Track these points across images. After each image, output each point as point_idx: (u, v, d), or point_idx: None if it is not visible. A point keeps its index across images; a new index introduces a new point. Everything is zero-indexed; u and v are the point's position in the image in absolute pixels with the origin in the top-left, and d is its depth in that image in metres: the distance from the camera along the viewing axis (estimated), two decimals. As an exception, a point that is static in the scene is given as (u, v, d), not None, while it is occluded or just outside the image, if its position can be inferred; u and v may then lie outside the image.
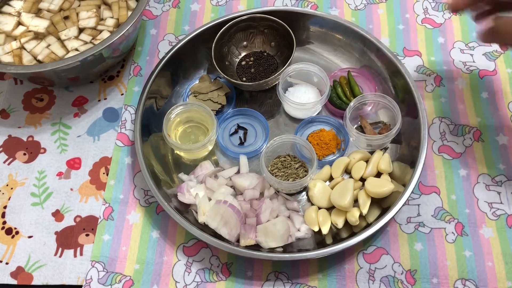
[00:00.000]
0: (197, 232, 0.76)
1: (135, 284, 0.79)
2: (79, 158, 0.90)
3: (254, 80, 0.93)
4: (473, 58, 0.97)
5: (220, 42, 0.92)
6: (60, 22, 0.93)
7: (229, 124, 0.92)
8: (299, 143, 0.85)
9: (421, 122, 0.83)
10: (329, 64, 0.96)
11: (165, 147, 0.89)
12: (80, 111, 0.95)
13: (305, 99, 0.89)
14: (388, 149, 0.87)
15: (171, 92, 0.94)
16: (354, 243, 0.74)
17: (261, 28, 0.94)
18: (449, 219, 0.82)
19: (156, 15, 1.05)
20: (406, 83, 0.87)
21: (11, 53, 0.90)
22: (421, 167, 0.79)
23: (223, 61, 0.94)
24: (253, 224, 0.78)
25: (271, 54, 0.96)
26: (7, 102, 0.96)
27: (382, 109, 0.90)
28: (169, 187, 0.83)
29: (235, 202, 0.79)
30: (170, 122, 0.87)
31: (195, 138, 0.89)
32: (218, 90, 0.92)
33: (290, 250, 0.77)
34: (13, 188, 0.87)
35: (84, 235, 0.83)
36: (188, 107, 0.87)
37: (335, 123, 0.90)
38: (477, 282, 0.77)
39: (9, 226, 0.84)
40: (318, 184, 0.82)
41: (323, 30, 0.96)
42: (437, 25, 1.01)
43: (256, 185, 0.81)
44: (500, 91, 0.93)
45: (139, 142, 0.83)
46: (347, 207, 0.77)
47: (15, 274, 0.80)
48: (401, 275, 0.78)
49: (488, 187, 0.84)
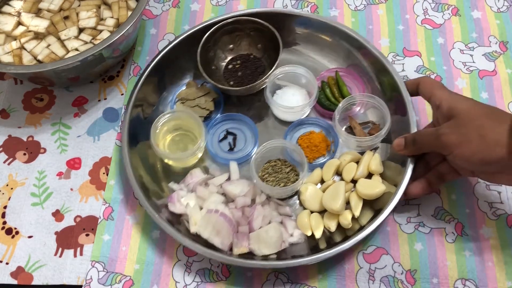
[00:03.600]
0: (189, 243, 0.75)
1: (135, 284, 0.79)
2: (79, 158, 0.90)
3: (241, 83, 0.92)
4: (473, 58, 0.97)
5: (205, 46, 0.90)
6: (60, 22, 0.93)
7: (218, 130, 0.90)
8: (289, 147, 0.85)
9: (410, 120, 0.82)
10: (316, 65, 0.95)
11: (154, 156, 0.87)
12: (80, 111, 0.95)
13: (293, 101, 0.88)
14: (379, 148, 0.87)
15: (158, 99, 0.92)
16: (347, 248, 0.74)
17: (247, 30, 0.93)
18: (449, 219, 0.82)
19: (156, 15, 1.05)
20: (393, 81, 0.86)
21: (11, 53, 0.90)
22: (412, 166, 0.79)
23: (210, 65, 0.92)
24: (245, 232, 0.77)
25: (258, 57, 0.95)
26: (7, 102, 0.96)
27: (371, 109, 0.89)
28: (160, 197, 0.82)
29: (227, 210, 0.78)
30: (158, 131, 0.85)
31: (184, 146, 0.87)
32: (205, 95, 0.91)
33: (284, 257, 0.76)
34: (13, 188, 0.87)
35: (84, 235, 0.83)
36: (176, 115, 0.86)
37: (324, 125, 0.89)
38: (477, 282, 0.77)
39: (9, 226, 0.84)
40: (309, 188, 0.82)
41: (308, 30, 0.95)
42: (437, 26, 1.01)
43: (247, 192, 0.81)
44: (500, 91, 0.94)
45: (127, 153, 0.82)
46: (339, 210, 0.77)
47: (15, 274, 0.80)
48: (401, 275, 0.78)
49: (488, 187, 0.85)
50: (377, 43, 0.99)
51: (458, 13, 1.03)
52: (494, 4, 1.03)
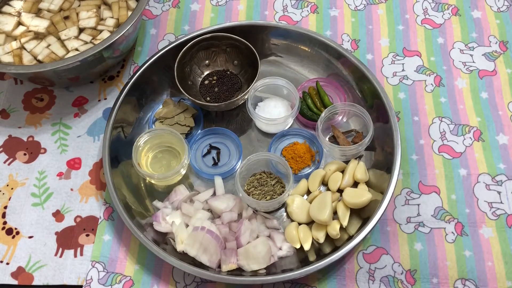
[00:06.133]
0: (176, 262, 0.74)
1: (135, 284, 0.79)
2: (79, 158, 0.90)
3: (218, 99, 0.91)
4: (473, 58, 0.97)
5: (182, 61, 0.90)
6: (60, 22, 0.93)
7: (201, 145, 0.89)
8: (273, 160, 0.85)
9: (393, 127, 0.82)
10: (296, 76, 0.95)
11: (137, 175, 0.86)
12: (80, 111, 0.95)
13: (275, 113, 0.88)
14: (363, 156, 0.87)
15: (136, 119, 0.91)
16: (336, 258, 0.74)
17: (223, 46, 0.93)
18: (449, 219, 0.82)
19: (156, 15, 1.05)
20: (373, 88, 0.86)
21: (11, 53, 0.89)
22: (397, 172, 0.79)
23: (186, 81, 0.92)
24: (233, 248, 0.76)
25: (234, 73, 0.95)
26: (7, 102, 0.96)
27: (354, 117, 0.89)
28: (144, 217, 0.81)
29: (213, 227, 0.77)
30: (140, 151, 0.85)
31: (167, 162, 0.86)
32: (184, 112, 0.90)
33: (273, 271, 0.76)
34: (13, 188, 0.87)
35: (85, 235, 0.83)
36: (157, 133, 0.85)
37: (308, 135, 0.89)
38: (477, 282, 0.77)
39: (10, 227, 0.84)
40: (296, 200, 0.81)
41: (287, 42, 0.95)
42: (437, 26, 1.01)
43: (233, 207, 0.80)
44: (500, 91, 0.94)
45: (109, 175, 0.81)
46: (327, 221, 0.76)
47: (16, 274, 0.80)
48: (401, 275, 0.78)
49: (488, 187, 0.85)
50: (377, 43, 0.99)
51: (458, 13, 1.03)
52: (494, 4, 1.03)
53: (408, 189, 0.85)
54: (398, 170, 0.79)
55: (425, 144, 0.89)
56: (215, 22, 1.03)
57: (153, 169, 0.86)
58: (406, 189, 0.85)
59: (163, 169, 0.86)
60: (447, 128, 0.90)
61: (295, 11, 1.04)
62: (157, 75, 0.92)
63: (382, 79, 0.95)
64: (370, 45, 0.99)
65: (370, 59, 0.98)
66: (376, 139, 0.85)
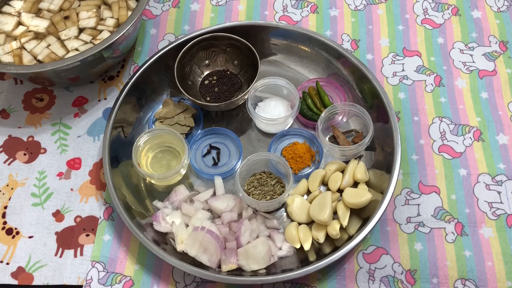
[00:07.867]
0: (176, 262, 0.74)
1: (135, 284, 0.79)
2: (79, 158, 0.90)
3: (218, 99, 0.91)
4: (473, 58, 0.97)
5: (182, 61, 0.90)
6: (60, 22, 0.93)
7: (201, 145, 0.89)
8: (273, 160, 0.85)
9: (393, 127, 0.82)
10: (296, 76, 0.95)
11: (137, 175, 0.86)
12: (80, 111, 0.95)
13: (275, 113, 0.88)
14: (363, 156, 0.87)
15: (136, 119, 0.91)
16: (336, 258, 0.74)
17: (223, 46, 0.93)
18: (449, 219, 0.82)
19: (156, 15, 1.05)
20: (373, 88, 0.86)
21: (11, 53, 0.89)
22: (397, 172, 0.79)
23: (186, 80, 0.92)
24: (233, 248, 0.76)
25: (234, 73, 0.95)
26: (7, 102, 0.96)
27: (354, 117, 0.89)
28: (144, 217, 0.81)
29: (213, 227, 0.77)
30: (139, 151, 0.85)
31: (167, 162, 0.86)
32: (184, 112, 0.90)
33: (273, 271, 0.76)
34: (13, 188, 0.87)
35: (85, 235, 0.83)
36: (157, 133, 0.85)
37: (308, 135, 0.89)
38: (477, 282, 0.77)
39: (10, 227, 0.84)
40: (296, 200, 0.81)
41: (287, 42, 0.95)
42: (437, 26, 1.01)
43: (233, 207, 0.80)
44: (500, 91, 0.94)
45: (109, 175, 0.81)
46: (327, 221, 0.76)
47: (16, 274, 0.80)
48: (401, 275, 0.78)
49: (488, 187, 0.85)
50: (377, 43, 0.99)
51: (458, 13, 1.03)
52: (494, 4, 1.03)
53: (408, 189, 0.85)
54: (398, 170, 0.79)
55: (425, 144, 0.89)
56: (215, 22, 1.03)
57: (153, 169, 0.86)
58: (406, 189, 0.85)
59: (163, 169, 0.86)
60: (447, 128, 0.90)
61: (295, 11, 1.04)
62: (157, 75, 0.92)
63: (382, 79, 0.95)
64: (370, 45, 0.99)
65: (370, 59, 0.98)
66: (376, 139, 0.85)
